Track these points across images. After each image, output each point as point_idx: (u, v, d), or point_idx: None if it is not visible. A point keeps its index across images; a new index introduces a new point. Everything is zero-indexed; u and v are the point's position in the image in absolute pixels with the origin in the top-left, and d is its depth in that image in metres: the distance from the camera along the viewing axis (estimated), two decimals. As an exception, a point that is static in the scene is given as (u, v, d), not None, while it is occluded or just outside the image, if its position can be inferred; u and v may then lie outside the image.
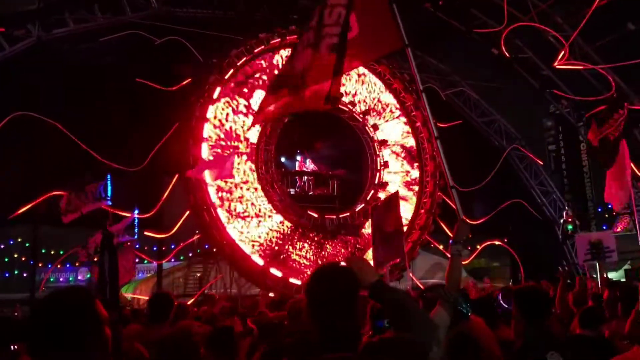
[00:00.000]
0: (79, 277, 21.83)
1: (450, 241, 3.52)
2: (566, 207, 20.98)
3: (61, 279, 21.82)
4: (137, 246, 16.63)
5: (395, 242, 8.20)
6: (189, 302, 13.20)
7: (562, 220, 20.29)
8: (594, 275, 10.64)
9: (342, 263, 2.68)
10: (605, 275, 10.63)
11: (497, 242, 20.27)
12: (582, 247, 10.17)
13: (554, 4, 17.71)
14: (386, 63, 18.41)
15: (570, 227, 20.02)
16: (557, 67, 17.97)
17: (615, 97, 15.82)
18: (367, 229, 17.86)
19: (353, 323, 2.36)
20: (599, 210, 22.09)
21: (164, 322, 4.57)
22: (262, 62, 17.16)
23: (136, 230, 14.02)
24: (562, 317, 6.82)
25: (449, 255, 3.51)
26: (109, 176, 13.97)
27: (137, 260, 15.79)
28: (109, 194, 13.69)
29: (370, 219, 12.37)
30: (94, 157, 15.23)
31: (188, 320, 6.09)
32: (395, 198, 9.90)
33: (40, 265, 19.53)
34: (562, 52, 17.76)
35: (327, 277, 2.45)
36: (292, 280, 16.02)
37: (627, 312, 4.99)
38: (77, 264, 21.46)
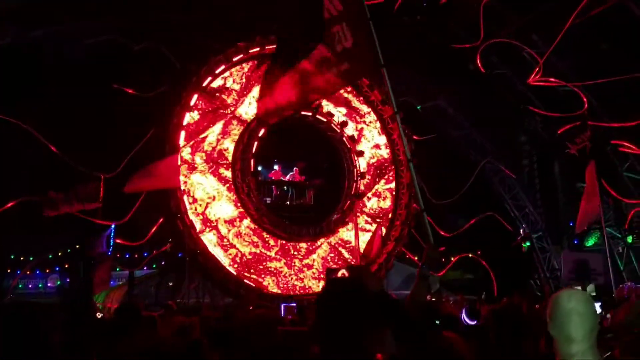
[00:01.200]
0: (49, 284, 21.39)
1: (421, 264, 3.55)
2: (523, 225, 21.30)
3: (30, 286, 21.38)
4: (110, 253, 16.40)
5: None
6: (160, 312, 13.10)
7: (518, 238, 20.56)
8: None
9: (343, 270, 2.66)
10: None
11: (470, 255, 20.41)
12: (567, 265, 10.26)
13: (530, 21, 17.97)
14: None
15: (527, 244, 20.40)
16: (532, 83, 18.22)
17: (582, 116, 16.12)
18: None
19: (364, 338, 2.34)
20: (571, 224, 22.39)
21: (132, 334, 4.49)
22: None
23: (112, 241, 13.84)
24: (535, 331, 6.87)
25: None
26: (102, 178, 13.82)
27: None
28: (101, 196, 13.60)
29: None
30: (67, 162, 15.00)
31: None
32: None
33: (9, 271, 19.12)
34: (537, 69, 18.04)
35: (341, 289, 2.44)
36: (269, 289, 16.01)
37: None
38: (47, 271, 21.07)
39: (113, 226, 13.31)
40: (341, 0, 5.03)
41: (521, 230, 21.03)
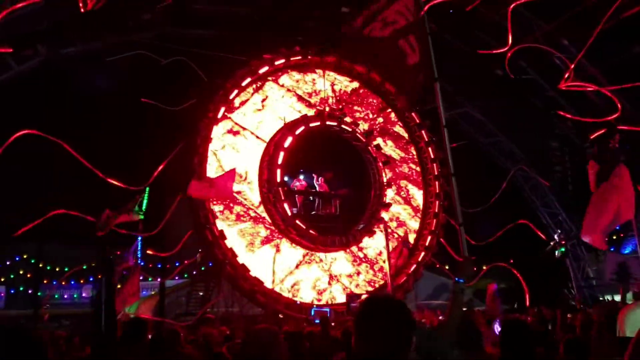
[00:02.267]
0: (84, 294, 21.90)
1: (455, 278, 3.54)
2: (558, 230, 20.83)
3: (65, 296, 21.90)
4: (142, 263, 16.69)
5: None
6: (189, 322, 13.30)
7: (552, 243, 20.12)
8: (610, 298, 10.63)
9: (364, 296, 2.70)
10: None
11: (502, 264, 20.10)
12: (610, 266, 10.18)
13: (559, 25, 17.73)
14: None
15: (562, 249, 19.96)
16: (562, 88, 17.93)
17: (612, 123, 15.78)
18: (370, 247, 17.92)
19: (396, 352, 2.39)
20: (607, 231, 21.91)
21: (137, 346, 4.58)
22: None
23: (139, 252, 14.09)
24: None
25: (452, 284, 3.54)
26: (147, 189, 14.08)
27: (141, 278, 15.87)
28: (144, 208, 13.83)
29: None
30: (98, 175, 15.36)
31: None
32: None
33: (45, 282, 19.64)
34: (567, 74, 17.74)
35: (380, 309, 2.48)
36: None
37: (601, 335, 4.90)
38: (81, 281, 21.56)
39: (140, 238, 13.53)
40: (414, 12, 5.22)
41: (555, 236, 20.60)
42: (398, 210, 18.91)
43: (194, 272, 19.52)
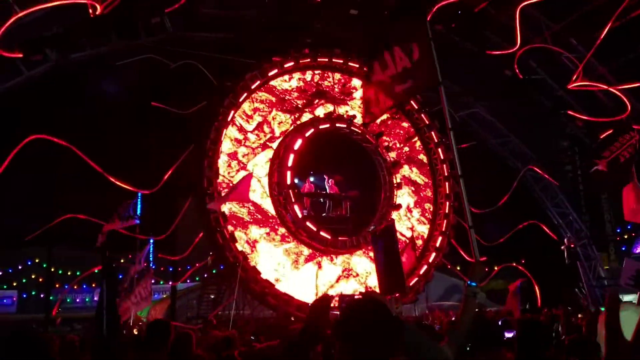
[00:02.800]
0: (95, 298, 21.92)
1: (468, 282, 3.49)
2: (567, 234, 20.76)
3: (77, 300, 21.96)
4: (154, 267, 16.73)
5: (395, 273, 7.81)
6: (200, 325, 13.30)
7: (562, 248, 20.01)
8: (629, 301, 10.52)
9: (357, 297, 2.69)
10: None
11: (513, 264, 20.07)
12: (628, 271, 10.12)
13: (567, 25, 17.66)
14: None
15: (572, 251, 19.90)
16: (571, 88, 17.88)
17: (624, 121, 15.71)
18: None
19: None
20: (618, 230, 21.81)
21: (161, 349, 4.57)
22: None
23: (151, 255, 14.13)
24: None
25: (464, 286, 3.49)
26: (139, 195, 14.08)
27: (152, 281, 15.92)
28: (139, 212, 13.81)
29: (372, 247, 12.20)
30: (108, 179, 15.42)
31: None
32: (390, 229, 9.58)
33: (57, 286, 19.71)
34: (576, 73, 17.69)
35: (362, 312, 2.47)
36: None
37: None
38: (93, 285, 21.61)
39: (152, 241, 13.56)
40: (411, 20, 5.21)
41: (565, 240, 20.50)
42: (423, 230, 19.02)
43: (205, 275, 19.56)
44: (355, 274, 17.63)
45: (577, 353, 4.71)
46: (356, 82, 18.60)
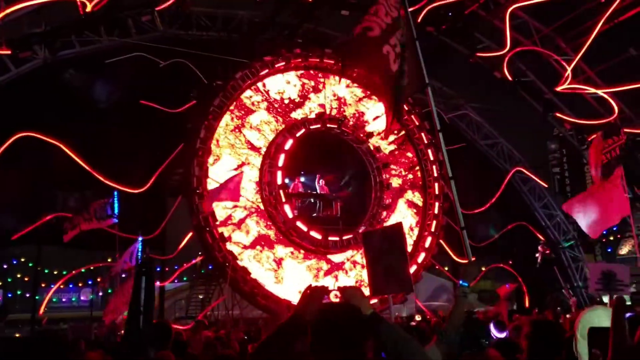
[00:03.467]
0: (82, 298, 21.75)
1: (460, 282, 3.51)
2: (552, 236, 20.81)
3: (64, 300, 21.75)
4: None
5: (401, 274, 7.77)
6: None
7: (537, 255, 20.02)
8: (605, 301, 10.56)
9: (336, 291, 2.70)
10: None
11: (501, 265, 20.18)
12: (594, 276, 10.12)
13: (556, 28, 17.83)
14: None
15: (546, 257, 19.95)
16: (560, 90, 18.05)
17: (612, 123, 15.86)
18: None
19: None
20: (604, 232, 22.01)
21: (164, 349, 4.54)
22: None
23: (140, 254, 13.92)
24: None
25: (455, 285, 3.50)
26: (115, 193, 13.88)
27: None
28: (116, 211, 13.59)
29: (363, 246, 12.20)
30: (97, 178, 15.30)
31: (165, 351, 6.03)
32: (399, 229, 9.53)
33: (42, 285, 19.51)
34: (565, 76, 17.86)
35: (334, 317, 2.49)
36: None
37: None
38: (80, 285, 21.41)
39: (140, 240, 13.40)
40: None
41: (539, 247, 20.43)
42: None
43: (194, 276, 19.45)
44: (367, 284, 17.60)
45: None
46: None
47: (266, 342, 2.48)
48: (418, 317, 16.01)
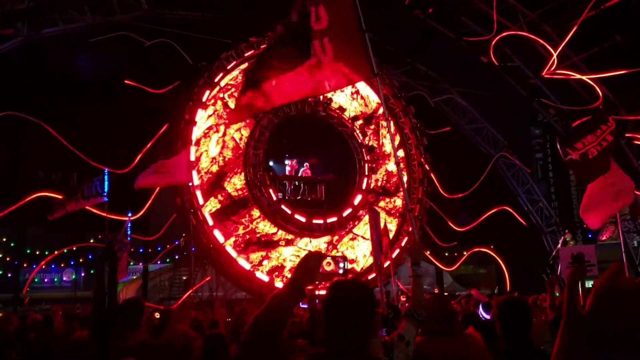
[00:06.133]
0: (64, 278, 21.70)
1: (412, 264, 3.62)
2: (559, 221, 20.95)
3: (46, 280, 21.69)
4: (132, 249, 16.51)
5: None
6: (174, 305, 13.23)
7: (560, 240, 20.11)
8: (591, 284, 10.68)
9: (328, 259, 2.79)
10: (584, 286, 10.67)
11: (483, 249, 20.33)
12: (565, 260, 10.23)
13: (543, 13, 17.82)
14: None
15: (567, 239, 20.08)
16: (545, 76, 18.08)
17: (601, 110, 15.91)
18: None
19: (363, 339, 2.47)
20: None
21: (136, 329, 4.54)
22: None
23: (129, 232, 13.86)
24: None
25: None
26: (106, 171, 13.74)
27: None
28: (106, 189, 13.45)
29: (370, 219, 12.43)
30: (81, 158, 15.13)
31: (184, 326, 6.03)
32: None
33: (25, 265, 19.42)
34: (551, 62, 17.88)
35: (346, 292, 2.54)
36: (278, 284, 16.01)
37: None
38: (62, 265, 21.34)
39: (130, 215, 13.33)
40: (328, 15, 5.06)
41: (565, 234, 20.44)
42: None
43: (177, 257, 19.44)
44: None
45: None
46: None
47: (262, 313, 2.44)
48: (403, 298, 16.16)
